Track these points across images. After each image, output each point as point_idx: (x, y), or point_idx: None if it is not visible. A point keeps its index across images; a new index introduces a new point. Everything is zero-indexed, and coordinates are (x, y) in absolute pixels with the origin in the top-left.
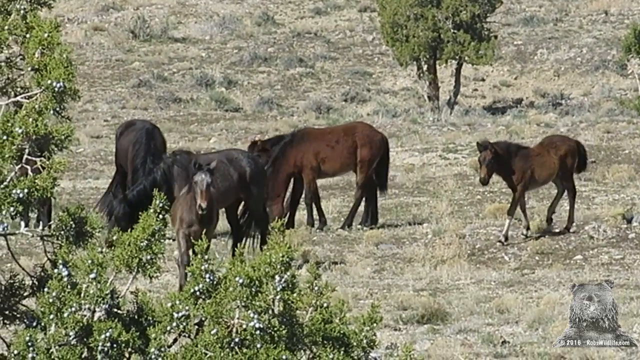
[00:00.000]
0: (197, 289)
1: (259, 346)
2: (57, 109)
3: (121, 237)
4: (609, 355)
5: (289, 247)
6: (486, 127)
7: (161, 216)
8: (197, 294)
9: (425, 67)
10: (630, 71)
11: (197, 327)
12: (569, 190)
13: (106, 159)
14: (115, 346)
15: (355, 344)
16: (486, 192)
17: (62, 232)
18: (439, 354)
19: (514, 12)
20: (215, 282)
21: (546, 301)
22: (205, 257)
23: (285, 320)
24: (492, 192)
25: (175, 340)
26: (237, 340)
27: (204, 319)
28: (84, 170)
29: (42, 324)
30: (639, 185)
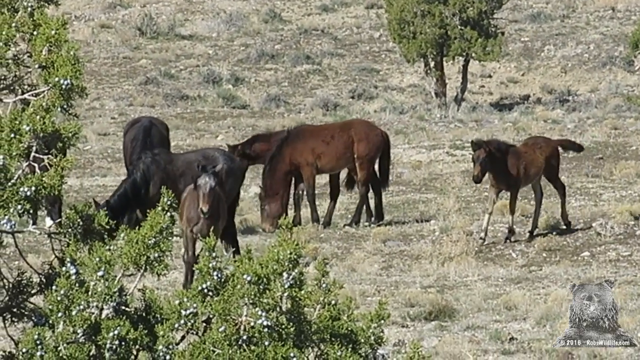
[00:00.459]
0: (205, 286)
1: (266, 343)
2: (65, 107)
3: (129, 234)
4: (616, 351)
5: (296, 245)
6: (493, 124)
7: (169, 214)
8: (205, 291)
9: (432, 64)
10: (637, 67)
11: (204, 324)
12: (558, 188)
13: (113, 156)
14: (123, 344)
15: (362, 341)
16: None
17: (69, 230)
18: (447, 350)
19: (521, 8)
20: (223, 280)
21: (554, 298)
22: (213, 254)
23: (293, 317)
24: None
25: (183, 337)
26: (244, 337)
27: (211, 316)
28: (92, 167)
29: (50, 322)
30: None
